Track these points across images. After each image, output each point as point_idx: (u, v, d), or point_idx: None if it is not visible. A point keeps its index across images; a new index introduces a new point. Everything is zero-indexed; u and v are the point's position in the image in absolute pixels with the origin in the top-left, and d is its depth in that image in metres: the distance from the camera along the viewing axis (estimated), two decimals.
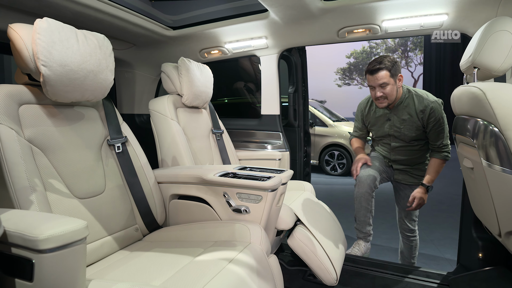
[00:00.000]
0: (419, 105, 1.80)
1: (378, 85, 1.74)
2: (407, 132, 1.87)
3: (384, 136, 1.97)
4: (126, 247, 1.23)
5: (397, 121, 1.88)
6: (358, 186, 1.86)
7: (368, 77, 1.80)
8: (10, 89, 1.04)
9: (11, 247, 0.70)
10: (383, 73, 1.73)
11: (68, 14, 1.56)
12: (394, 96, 1.78)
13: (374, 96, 1.80)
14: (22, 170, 0.95)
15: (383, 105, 1.80)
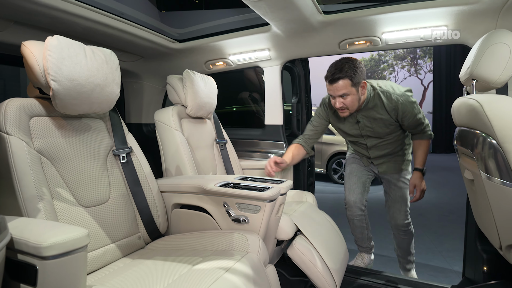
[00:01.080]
0: (389, 103, 1.67)
1: (338, 95, 1.60)
2: (380, 130, 1.77)
3: (357, 137, 1.86)
4: (129, 254, 1.26)
5: (367, 121, 1.76)
6: (348, 210, 1.95)
7: (327, 86, 1.64)
8: (22, 103, 1.10)
9: (17, 253, 0.74)
10: (343, 82, 1.56)
11: (78, 29, 1.64)
12: (356, 106, 1.65)
13: (334, 107, 1.67)
14: (31, 179, 1.00)
15: (345, 114, 1.68)
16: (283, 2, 1.40)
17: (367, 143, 1.85)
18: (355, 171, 1.99)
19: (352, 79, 1.56)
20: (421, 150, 1.77)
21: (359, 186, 1.92)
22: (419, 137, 1.77)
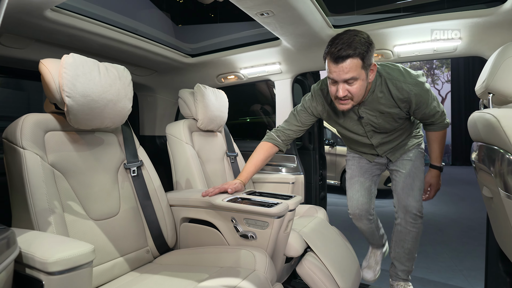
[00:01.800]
0: (398, 94, 1.34)
1: (344, 80, 1.22)
2: (388, 126, 1.47)
3: (360, 135, 1.54)
4: (137, 268, 1.27)
5: (372, 117, 1.43)
6: (356, 221, 1.73)
7: (329, 66, 1.24)
8: (38, 118, 1.14)
9: (25, 267, 0.76)
10: (352, 62, 1.19)
11: (95, 46, 1.70)
12: (361, 96, 1.30)
13: (334, 95, 1.28)
14: (43, 193, 1.02)
15: (347, 107, 1.31)
16: (291, 18, 1.41)
17: (373, 142, 1.55)
18: (357, 175, 1.70)
19: (363, 59, 1.20)
20: (437, 143, 1.50)
21: (364, 194, 1.66)
22: (434, 128, 1.50)
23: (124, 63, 2.01)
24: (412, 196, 1.57)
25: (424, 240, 3.35)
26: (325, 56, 1.27)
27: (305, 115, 1.53)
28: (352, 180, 1.72)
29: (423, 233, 1.86)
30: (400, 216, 1.62)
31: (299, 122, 1.55)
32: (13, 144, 1.05)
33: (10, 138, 1.06)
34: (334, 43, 1.22)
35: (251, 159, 1.56)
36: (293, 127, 1.56)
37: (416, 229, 1.60)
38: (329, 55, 1.23)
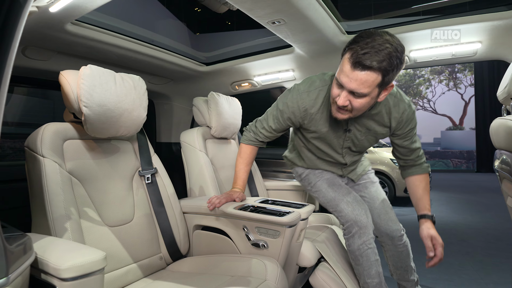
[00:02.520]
0: (395, 111, 1.26)
1: (351, 89, 1.07)
2: (366, 145, 1.38)
3: (335, 151, 1.42)
4: (150, 275, 1.28)
5: (358, 133, 1.33)
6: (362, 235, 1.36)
7: (344, 66, 1.06)
8: (57, 127, 1.19)
9: (40, 272, 0.78)
10: (370, 76, 1.02)
11: (113, 57, 1.76)
12: (361, 113, 1.19)
13: (335, 101, 1.14)
14: (61, 200, 1.06)
15: (341, 117, 1.18)
16: (303, 25, 1.41)
17: (346, 161, 1.44)
18: (337, 181, 1.49)
19: (385, 77, 1.04)
20: (424, 189, 1.34)
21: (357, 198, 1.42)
22: (417, 171, 1.37)
23: (141, 72, 2.07)
24: (390, 220, 1.49)
25: (447, 251, 3.19)
26: (346, 49, 1.08)
27: (288, 121, 1.37)
28: (337, 187, 1.45)
29: (445, 243, 1.74)
30: (387, 243, 1.51)
31: (281, 127, 1.40)
32: (34, 152, 1.10)
33: (31, 147, 1.11)
34: (363, 41, 1.03)
35: (242, 166, 1.47)
36: (272, 131, 1.42)
37: (406, 244, 1.52)
38: (351, 54, 1.04)
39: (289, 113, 1.33)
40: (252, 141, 1.48)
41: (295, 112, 1.32)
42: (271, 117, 1.41)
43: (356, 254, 1.34)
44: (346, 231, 1.36)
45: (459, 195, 6.39)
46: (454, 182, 8.36)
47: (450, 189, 7.13)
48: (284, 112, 1.35)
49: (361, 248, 1.33)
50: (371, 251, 1.34)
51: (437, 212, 4.93)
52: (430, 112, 12.25)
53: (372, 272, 1.34)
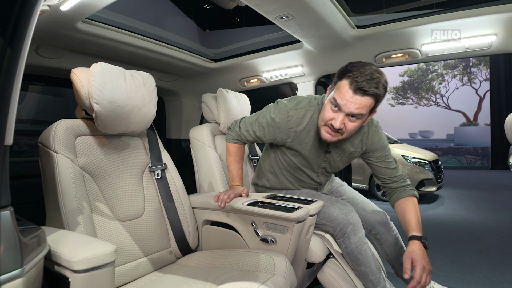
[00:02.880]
0: (366, 131, 1.38)
1: (350, 112, 1.16)
2: (340, 166, 1.47)
3: (312, 171, 1.49)
4: (160, 269, 1.30)
5: (336, 155, 1.42)
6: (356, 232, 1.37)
7: (344, 91, 1.14)
8: (69, 123, 1.21)
9: (54, 264, 0.80)
10: (369, 101, 1.14)
11: (123, 54, 1.78)
12: (350, 135, 1.28)
13: (329, 122, 1.21)
14: (73, 194, 1.09)
15: (332, 139, 1.25)
16: (312, 20, 1.40)
17: (321, 181, 1.53)
18: (315, 193, 1.56)
19: (376, 102, 1.17)
20: (412, 210, 1.32)
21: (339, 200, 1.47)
22: (406, 193, 1.38)
23: (151, 69, 2.09)
24: (374, 209, 1.56)
25: (460, 249, 3.15)
26: (340, 77, 1.17)
27: (272, 135, 1.40)
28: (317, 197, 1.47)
29: (458, 241, 1.67)
30: (382, 232, 1.50)
31: (264, 137, 1.43)
32: (47, 148, 1.12)
33: (44, 143, 1.14)
34: (357, 70, 1.14)
35: (234, 164, 1.49)
36: (255, 138, 1.46)
37: (396, 230, 1.55)
38: (350, 81, 1.13)
39: (275, 128, 1.38)
40: (237, 140, 1.51)
41: (281, 128, 1.37)
42: (256, 124, 1.44)
43: (355, 253, 1.33)
44: (340, 233, 1.35)
45: (472, 192, 6.25)
46: (468, 179, 8.18)
47: (464, 186, 6.98)
48: (270, 125, 1.39)
49: (359, 246, 1.33)
50: (367, 246, 1.36)
51: (449, 210, 4.84)
52: (443, 107, 11.97)
53: (374, 268, 1.35)
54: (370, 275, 1.34)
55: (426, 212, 4.65)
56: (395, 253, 1.52)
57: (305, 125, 1.35)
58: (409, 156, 5.50)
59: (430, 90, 12.07)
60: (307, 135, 1.37)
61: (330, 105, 1.21)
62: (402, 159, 5.47)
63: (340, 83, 1.18)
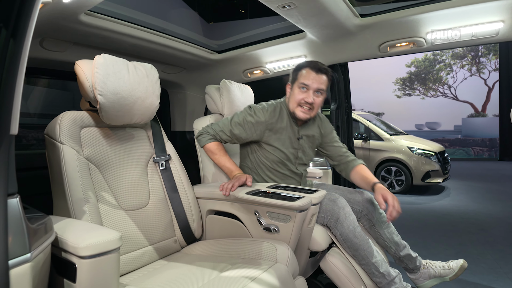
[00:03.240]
0: (323, 124, 1.68)
1: (317, 88, 1.45)
2: (311, 153, 1.66)
3: (290, 161, 1.59)
4: (165, 257, 1.33)
5: (305, 141, 1.61)
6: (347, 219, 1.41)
7: (306, 74, 1.45)
8: (74, 115, 1.23)
9: (61, 251, 0.83)
10: (327, 78, 1.46)
11: (127, 46, 1.79)
12: (316, 113, 1.53)
13: (304, 100, 1.45)
14: (79, 184, 1.11)
15: (306, 116, 1.48)
16: (315, 9, 1.38)
17: (302, 172, 1.65)
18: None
19: (329, 82, 1.50)
20: (367, 171, 1.58)
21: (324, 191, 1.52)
22: (355, 163, 1.62)
23: (154, 61, 2.10)
24: (357, 190, 1.64)
25: (465, 240, 3.14)
26: (299, 68, 1.50)
27: (252, 128, 1.53)
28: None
29: (463, 232, 1.67)
30: (371, 210, 1.55)
31: (241, 134, 1.54)
32: (53, 140, 1.15)
33: (50, 134, 1.16)
34: (310, 62, 1.51)
35: (222, 158, 1.55)
36: (231, 137, 1.56)
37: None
38: (310, 66, 1.47)
39: (254, 122, 1.53)
40: (213, 139, 1.58)
41: (259, 121, 1.53)
42: (232, 124, 1.55)
43: (350, 238, 1.36)
44: (332, 220, 1.40)
45: (480, 183, 6.19)
46: (475, 170, 8.10)
47: (471, 178, 6.92)
48: (248, 122, 1.53)
49: (352, 229, 1.37)
50: (360, 229, 1.40)
51: (456, 201, 4.81)
52: (451, 98, 11.78)
53: (372, 250, 1.38)
54: (371, 258, 1.36)
55: (431, 204, 4.63)
56: (387, 232, 1.56)
57: (277, 117, 1.55)
58: (415, 148, 5.46)
59: (438, 80, 11.87)
60: (281, 125, 1.55)
61: (299, 89, 1.49)
62: (408, 150, 5.43)
63: (301, 72, 1.49)
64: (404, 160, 5.41)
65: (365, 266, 1.38)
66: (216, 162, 1.57)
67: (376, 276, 1.37)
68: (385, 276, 1.36)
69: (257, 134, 1.54)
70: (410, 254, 1.57)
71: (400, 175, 5.48)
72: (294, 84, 1.53)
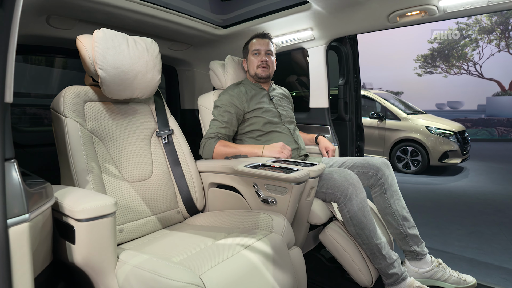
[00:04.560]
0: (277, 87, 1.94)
1: (267, 50, 1.74)
2: (290, 111, 1.86)
3: (276, 122, 1.71)
4: (168, 227, 1.38)
5: (278, 99, 1.83)
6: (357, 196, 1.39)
7: (255, 42, 1.76)
8: (77, 90, 1.26)
9: (62, 215, 0.88)
10: (271, 43, 1.77)
11: (131, 22, 1.79)
12: (273, 71, 1.80)
13: (258, 63, 1.74)
14: (83, 155, 1.16)
15: (265, 73, 1.75)
16: None
17: (289, 127, 1.76)
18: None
19: (273, 46, 1.80)
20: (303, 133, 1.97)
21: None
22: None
23: (160, 38, 2.10)
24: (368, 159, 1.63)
25: (479, 221, 3.07)
26: (247, 42, 1.83)
27: (234, 108, 1.66)
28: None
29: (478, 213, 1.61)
30: (386, 173, 1.54)
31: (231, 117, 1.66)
32: (58, 113, 1.19)
33: (55, 108, 1.20)
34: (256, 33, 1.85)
35: (238, 146, 1.59)
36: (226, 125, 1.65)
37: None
38: (255, 36, 1.80)
39: (232, 101, 1.67)
40: (217, 138, 1.61)
41: (236, 96, 1.69)
42: (217, 115, 1.66)
43: (358, 216, 1.34)
44: (342, 196, 1.37)
45: (500, 165, 5.96)
46: (497, 151, 7.78)
47: (492, 159, 6.66)
48: (227, 102, 1.67)
49: (361, 207, 1.35)
50: (368, 208, 1.38)
51: (473, 182, 4.67)
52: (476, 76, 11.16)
53: (377, 231, 1.37)
54: (375, 239, 1.35)
55: (448, 184, 4.52)
56: (398, 204, 1.52)
57: (245, 90, 1.74)
58: (433, 127, 5.28)
59: (462, 57, 11.22)
60: (251, 93, 1.74)
61: (253, 56, 1.78)
62: (426, 130, 5.26)
63: (250, 43, 1.81)
64: (421, 140, 5.25)
65: (367, 246, 1.36)
66: (234, 152, 1.55)
67: (377, 257, 1.35)
68: (386, 259, 1.34)
69: (241, 105, 1.68)
70: (418, 236, 1.52)
71: (416, 155, 5.35)
72: (248, 55, 1.81)
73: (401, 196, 1.56)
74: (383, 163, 1.57)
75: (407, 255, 1.53)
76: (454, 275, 1.49)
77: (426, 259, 1.50)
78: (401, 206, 1.52)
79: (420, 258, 1.50)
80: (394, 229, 1.52)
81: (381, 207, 1.52)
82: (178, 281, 0.77)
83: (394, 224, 1.51)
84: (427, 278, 1.48)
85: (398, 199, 1.53)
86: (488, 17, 10.35)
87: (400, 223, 1.50)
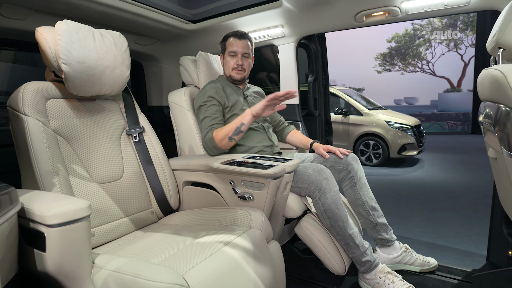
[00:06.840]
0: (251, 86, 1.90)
1: (243, 52, 1.67)
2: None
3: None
4: (142, 228, 1.34)
5: (253, 98, 1.83)
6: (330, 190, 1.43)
7: (232, 42, 1.67)
8: (38, 86, 1.17)
9: (29, 222, 0.82)
10: (248, 43, 1.69)
11: (94, 14, 1.69)
12: (248, 74, 1.75)
13: (234, 66, 1.69)
14: (47, 157, 1.08)
15: (240, 76, 1.71)
16: None
17: (264, 125, 1.75)
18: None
19: (252, 46, 1.72)
20: (301, 134, 1.87)
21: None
22: (290, 128, 1.92)
23: (126, 31, 2.00)
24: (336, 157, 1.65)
25: (434, 207, 3.33)
26: (226, 38, 1.73)
27: (215, 108, 1.62)
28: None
29: (434, 200, 1.77)
30: (356, 167, 1.61)
31: (217, 108, 1.63)
32: (16, 112, 1.10)
33: (13, 106, 1.11)
34: (235, 30, 1.75)
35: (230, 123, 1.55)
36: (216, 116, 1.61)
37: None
38: (233, 35, 1.70)
39: (213, 95, 1.64)
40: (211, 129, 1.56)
41: (214, 92, 1.65)
42: (205, 113, 1.61)
43: (332, 209, 1.39)
44: (316, 190, 1.41)
45: (452, 155, 6.50)
46: (449, 143, 8.46)
47: (444, 151, 7.23)
48: (209, 100, 1.63)
49: (335, 200, 1.40)
50: (341, 201, 1.43)
51: (428, 172, 5.04)
52: (429, 74, 12.02)
53: (350, 222, 1.43)
54: (348, 229, 1.40)
55: (406, 175, 4.84)
56: (367, 196, 1.59)
57: (221, 86, 1.71)
58: (393, 122, 5.60)
59: (417, 56, 12.03)
60: (227, 90, 1.71)
61: (229, 57, 1.71)
62: (386, 124, 5.57)
63: (228, 41, 1.71)
64: (381, 133, 5.56)
65: (341, 236, 1.41)
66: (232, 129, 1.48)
67: (351, 247, 1.41)
68: (359, 248, 1.41)
69: (221, 100, 1.66)
70: (386, 224, 1.62)
71: (377, 149, 5.65)
72: (225, 54, 1.74)
73: (369, 188, 1.63)
74: (352, 158, 1.62)
75: (378, 242, 1.62)
76: (420, 258, 1.61)
77: (395, 245, 1.61)
78: (370, 197, 1.60)
79: (389, 244, 1.60)
80: (365, 219, 1.60)
81: (351, 199, 1.60)
82: (161, 282, 0.75)
83: (364, 214, 1.59)
84: (396, 263, 1.59)
85: (367, 190, 1.60)
86: (440, 19, 11.17)
87: (370, 213, 1.57)
